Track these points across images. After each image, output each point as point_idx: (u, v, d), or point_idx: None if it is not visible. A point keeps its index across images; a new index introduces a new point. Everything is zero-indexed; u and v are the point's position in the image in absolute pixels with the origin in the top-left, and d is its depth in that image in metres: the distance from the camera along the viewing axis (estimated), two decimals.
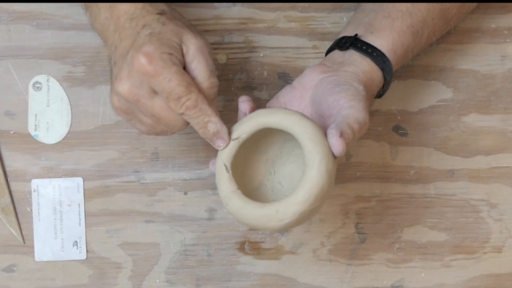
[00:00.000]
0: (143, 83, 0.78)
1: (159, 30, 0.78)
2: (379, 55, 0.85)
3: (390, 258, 0.98)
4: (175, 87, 0.77)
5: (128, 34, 0.79)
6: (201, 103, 0.78)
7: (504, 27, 0.97)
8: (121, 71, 0.78)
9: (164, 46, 0.77)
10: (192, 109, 0.78)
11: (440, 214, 0.98)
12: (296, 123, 0.79)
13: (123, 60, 0.78)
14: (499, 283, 0.98)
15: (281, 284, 0.97)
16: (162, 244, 0.97)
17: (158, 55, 0.77)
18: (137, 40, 0.78)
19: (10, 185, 0.96)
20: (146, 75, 0.77)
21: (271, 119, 0.80)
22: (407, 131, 0.97)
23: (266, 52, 0.96)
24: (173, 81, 0.77)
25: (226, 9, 0.96)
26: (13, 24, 0.96)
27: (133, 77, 0.78)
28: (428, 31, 0.88)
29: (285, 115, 0.80)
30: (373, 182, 0.97)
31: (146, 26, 0.79)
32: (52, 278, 0.97)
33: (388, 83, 0.87)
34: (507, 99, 0.97)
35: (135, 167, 0.96)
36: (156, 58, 0.76)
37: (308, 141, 0.78)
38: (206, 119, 0.79)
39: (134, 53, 0.77)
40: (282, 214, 0.78)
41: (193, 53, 0.79)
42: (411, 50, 0.87)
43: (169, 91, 0.77)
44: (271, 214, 0.78)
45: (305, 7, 0.96)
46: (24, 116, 0.96)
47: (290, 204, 0.77)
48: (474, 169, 0.97)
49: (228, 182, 0.80)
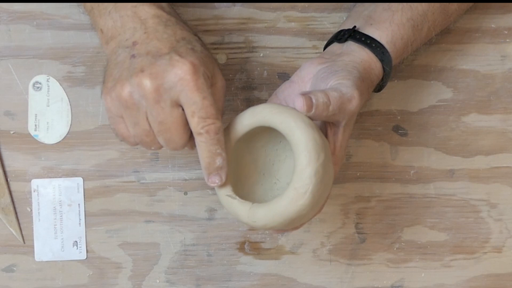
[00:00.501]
0: (176, 89, 0.76)
1: (200, 50, 0.78)
2: (378, 46, 0.85)
3: (390, 258, 0.98)
4: (208, 106, 0.76)
5: (164, 38, 0.77)
6: (221, 134, 0.78)
7: (504, 27, 0.97)
8: (152, 66, 0.76)
9: (207, 67, 0.77)
10: (213, 134, 0.77)
11: (440, 214, 0.98)
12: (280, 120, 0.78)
13: (156, 57, 0.76)
14: (499, 283, 0.98)
15: (281, 284, 0.97)
16: (162, 244, 0.97)
17: (202, 71, 0.76)
18: (178, 47, 0.77)
19: (10, 185, 0.96)
20: (183, 82, 0.76)
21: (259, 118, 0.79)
22: (407, 131, 0.97)
23: (266, 52, 0.96)
24: (208, 100, 0.76)
25: (226, 9, 0.96)
26: (13, 24, 0.96)
27: (169, 77, 0.76)
28: (428, 26, 0.88)
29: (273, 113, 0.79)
30: (373, 182, 0.97)
31: (186, 39, 0.78)
32: (52, 278, 0.97)
33: (388, 74, 0.86)
34: (507, 99, 0.97)
35: (135, 167, 0.97)
36: (199, 73, 0.76)
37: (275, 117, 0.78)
38: (218, 150, 0.78)
39: (178, 57, 0.76)
40: (300, 187, 0.77)
41: (218, 89, 0.79)
42: (410, 44, 0.87)
43: (200, 107, 0.76)
44: (292, 194, 0.77)
45: (305, 7, 0.96)
46: (24, 116, 0.96)
47: (300, 173, 0.76)
48: (474, 169, 0.98)
49: (242, 205, 0.80)
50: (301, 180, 0.76)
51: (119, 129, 0.80)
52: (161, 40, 0.77)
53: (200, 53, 0.78)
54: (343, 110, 0.79)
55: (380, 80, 0.87)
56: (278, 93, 0.86)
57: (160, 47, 0.77)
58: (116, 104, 0.78)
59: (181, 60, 0.76)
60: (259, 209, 0.79)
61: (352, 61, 0.84)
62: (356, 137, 0.97)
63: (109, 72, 0.79)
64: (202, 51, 0.78)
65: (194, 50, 0.77)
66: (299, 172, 0.76)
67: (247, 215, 0.79)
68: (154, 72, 0.76)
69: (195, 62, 0.76)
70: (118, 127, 0.80)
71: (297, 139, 0.77)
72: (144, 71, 0.76)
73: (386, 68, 0.85)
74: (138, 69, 0.76)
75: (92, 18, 0.82)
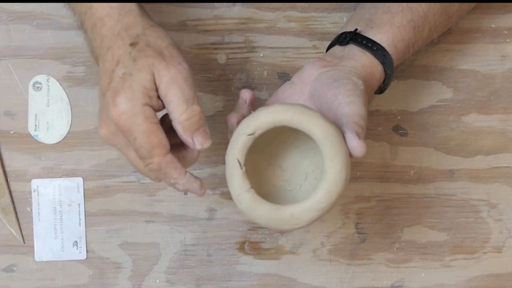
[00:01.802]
0: (119, 133, 0.77)
1: (130, 71, 0.76)
2: (379, 49, 0.85)
3: (390, 258, 0.98)
4: (139, 148, 0.76)
5: (105, 69, 0.77)
6: (166, 167, 0.77)
7: (504, 27, 0.97)
8: (101, 113, 0.78)
9: (137, 95, 0.75)
10: (156, 171, 0.77)
11: (440, 214, 0.98)
12: (316, 125, 0.77)
13: (102, 99, 0.77)
14: (499, 283, 0.98)
15: (281, 284, 0.97)
16: (162, 244, 0.97)
17: (129, 109, 0.75)
18: (113, 82, 0.76)
19: (10, 185, 0.96)
20: (119, 127, 0.76)
21: (290, 118, 0.77)
22: (407, 131, 0.97)
23: (266, 52, 0.96)
24: (138, 141, 0.76)
25: (226, 9, 0.96)
26: (13, 24, 0.96)
27: (110, 124, 0.77)
28: (429, 27, 0.88)
29: (303, 114, 0.77)
30: (373, 182, 0.97)
31: (120, 63, 0.76)
32: (52, 278, 0.97)
33: (389, 77, 0.86)
34: (507, 99, 0.97)
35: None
36: (127, 110, 0.75)
37: (330, 148, 0.76)
38: (172, 181, 0.78)
39: (110, 101, 0.76)
40: (297, 219, 0.77)
41: (166, 86, 0.76)
42: (412, 45, 0.87)
43: (135, 148, 0.76)
44: (286, 218, 0.77)
45: (305, 7, 0.96)
46: (24, 116, 0.96)
47: (306, 210, 0.77)
48: (474, 169, 0.97)
49: (242, 180, 0.78)
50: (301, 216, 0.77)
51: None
52: (103, 74, 0.78)
53: (130, 76, 0.76)
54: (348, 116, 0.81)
55: (381, 83, 0.87)
56: (278, 94, 0.86)
57: (104, 83, 0.77)
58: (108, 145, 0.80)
59: (111, 104, 0.75)
60: (251, 198, 0.77)
61: (353, 67, 0.84)
62: None
63: None
64: (132, 70, 0.76)
65: (125, 77, 0.76)
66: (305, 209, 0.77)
67: (239, 194, 0.78)
68: (102, 121, 0.78)
69: (120, 101, 0.75)
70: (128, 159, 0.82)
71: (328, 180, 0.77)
72: (99, 117, 0.78)
73: (387, 70, 0.86)
74: (99, 113, 0.78)
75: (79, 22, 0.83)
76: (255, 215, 0.78)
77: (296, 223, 0.77)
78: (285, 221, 0.77)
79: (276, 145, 0.86)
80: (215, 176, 0.96)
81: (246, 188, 0.78)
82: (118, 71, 0.76)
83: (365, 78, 0.83)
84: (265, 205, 0.78)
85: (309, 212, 0.77)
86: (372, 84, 0.85)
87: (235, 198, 0.79)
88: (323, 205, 0.76)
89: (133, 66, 0.76)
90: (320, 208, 0.77)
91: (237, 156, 0.78)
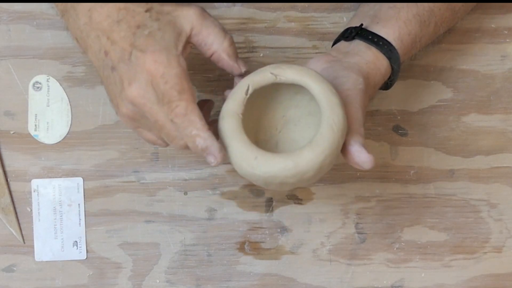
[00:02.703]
0: (149, 84, 0.76)
1: (157, 27, 0.77)
2: (385, 43, 0.85)
3: (390, 258, 0.98)
4: (168, 90, 0.75)
5: (121, 36, 0.77)
6: (192, 113, 0.76)
7: (504, 27, 0.97)
8: (126, 74, 0.76)
9: (171, 45, 0.76)
10: (181, 117, 0.76)
11: (440, 214, 0.98)
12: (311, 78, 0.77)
13: (127, 63, 0.76)
14: (499, 283, 0.98)
15: (281, 284, 0.97)
16: (162, 244, 0.97)
17: (165, 55, 0.75)
18: (137, 40, 0.76)
19: (10, 185, 0.96)
20: (151, 75, 0.75)
21: (288, 74, 0.78)
22: (407, 131, 0.97)
23: (266, 52, 0.96)
24: (169, 83, 0.75)
25: (226, 9, 0.96)
26: (13, 24, 0.96)
27: (141, 78, 0.76)
28: (435, 21, 0.88)
29: (301, 70, 0.78)
30: (373, 182, 0.97)
31: (141, 26, 0.77)
32: (52, 278, 0.97)
33: (396, 72, 0.86)
34: (507, 99, 0.98)
35: (135, 167, 0.97)
36: (162, 58, 0.75)
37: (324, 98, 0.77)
38: (194, 132, 0.76)
39: (140, 54, 0.76)
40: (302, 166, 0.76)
41: (197, 23, 0.78)
42: (418, 40, 0.87)
43: (163, 92, 0.75)
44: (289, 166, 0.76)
45: (305, 7, 0.96)
46: (24, 116, 0.96)
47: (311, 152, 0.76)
48: (474, 169, 0.98)
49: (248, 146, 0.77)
50: (332, 121, 0.76)
51: (146, 138, 0.82)
52: (121, 41, 0.77)
53: (158, 32, 0.76)
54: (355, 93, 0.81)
55: (387, 78, 0.86)
56: None
57: (124, 48, 0.76)
58: (127, 121, 0.79)
59: (142, 55, 0.75)
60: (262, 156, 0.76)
61: (356, 64, 0.83)
62: None
63: (106, 89, 0.80)
64: (159, 27, 0.77)
65: (151, 34, 0.76)
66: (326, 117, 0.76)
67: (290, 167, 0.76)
68: (131, 78, 0.76)
69: (154, 49, 0.75)
70: (143, 136, 0.81)
71: (325, 99, 0.77)
72: (123, 81, 0.76)
73: (393, 65, 0.85)
74: (119, 82, 0.77)
75: (66, 27, 0.82)
76: (275, 170, 0.76)
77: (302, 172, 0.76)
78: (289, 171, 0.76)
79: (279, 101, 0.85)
80: (215, 176, 0.97)
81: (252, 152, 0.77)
82: (141, 32, 0.76)
83: (368, 75, 0.83)
84: (280, 157, 0.76)
85: (327, 133, 0.76)
86: (377, 80, 0.85)
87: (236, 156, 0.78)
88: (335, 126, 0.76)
89: (158, 24, 0.77)
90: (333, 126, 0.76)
91: (236, 110, 0.78)
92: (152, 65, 0.75)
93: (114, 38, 0.77)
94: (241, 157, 0.77)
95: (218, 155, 0.77)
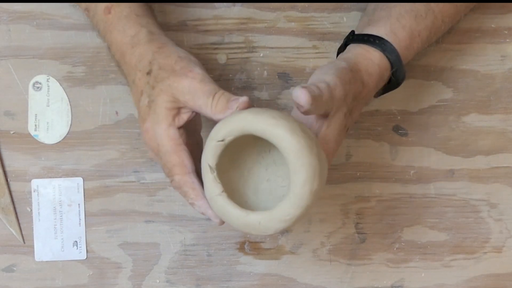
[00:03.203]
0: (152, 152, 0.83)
1: (153, 98, 0.81)
2: (376, 39, 0.84)
3: (390, 258, 0.98)
4: (163, 166, 0.82)
5: (134, 92, 0.83)
6: (185, 186, 0.81)
7: (504, 27, 0.97)
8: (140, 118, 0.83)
9: (161, 118, 0.80)
10: (177, 188, 0.82)
11: (440, 214, 0.98)
12: (281, 137, 0.75)
13: (138, 104, 0.83)
14: (499, 283, 0.98)
15: (281, 284, 0.97)
16: (162, 244, 0.97)
17: (155, 132, 0.81)
18: (140, 111, 0.82)
19: (10, 185, 0.96)
20: (148, 147, 0.82)
21: (256, 128, 0.76)
22: (407, 131, 0.97)
23: (266, 52, 0.96)
24: (162, 160, 0.81)
25: (226, 9, 0.96)
26: (13, 24, 0.96)
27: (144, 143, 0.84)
28: (435, 14, 0.87)
29: (270, 125, 0.75)
30: (373, 182, 0.97)
31: (143, 93, 0.82)
32: (52, 278, 0.97)
33: (397, 63, 0.85)
34: (507, 99, 0.97)
35: (135, 167, 0.97)
36: (153, 135, 0.81)
37: (294, 160, 0.75)
38: (189, 200, 0.82)
39: (140, 124, 0.82)
40: (264, 227, 0.77)
41: (188, 97, 0.80)
42: (418, 34, 0.86)
43: (162, 166, 0.82)
44: (254, 225, 0.77)
45: (305, 7, 0.96)
46: (24, 116, 0.96)
47: (273, 220, 0.77)
48: (474, 169, 0.97)
49: (213, 184, 0.78)
50: (268, 225, 0.77)
51: None
52: (134, 94, 0.84)
53: (153, 103, 0.81)
54: (331, 98, 0.79)
55: (390, 70, 0.85)
56: None
57: (135, 101, 0.84)
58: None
59: (141, 126, 0.82)
60: (222, 202, 0.78)
61: (342, 58, 0.84)
62: (356, 137, 0.97)
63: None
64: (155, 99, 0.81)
65: (150, 105, 0.81)
66: (272, 218, 0.77)
67: (211, 197, 0.78)
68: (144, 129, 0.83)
69: (148, 127, 0.81)
70: None
71: (292, 195, 0.76)
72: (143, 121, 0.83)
73: (389, 56, 0.84)
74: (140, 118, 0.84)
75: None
76: (226, 218, 0.79)
77: (264, 230, 0.78)
78: (254, 228, 0.78)
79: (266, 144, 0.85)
80: None
81: (217, 192, 0.78)
82: (143, 100, 0.82)
83: (356, 62, 0.83)
84: (235, 210, 0.78)
85: (276, 222, 0.77)
86: (371, 69, 0.84)
87: (209, 201, 0.80)
88: (289, 217, 0.76)
89: (152, 93, 0.81)
90: (286, 219, 0.76)
91: (208, 162, 0.78)
92: (149, 142, 0.82)
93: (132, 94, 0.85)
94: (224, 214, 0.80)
95: (215, 219, 0.82)
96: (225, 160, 0.80)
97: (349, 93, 0.81)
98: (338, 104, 0.80)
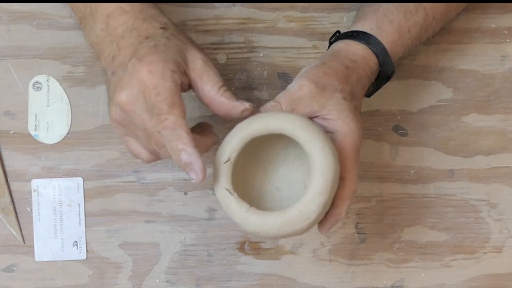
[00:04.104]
0: (141, 93, 0.76)
1: (164, 43, 0.78)
2: (360, 33, 0.85)
3: (390, 258, 0.98)
4: (159, 102, 0.75)
5: (129, 44, 0.78)
6: (180, 128, 0.75)
7: (504, 27, 0.97)
8: (121, 80, 0.77)
9: (169, 61, 0.77)
10: (169, 130, 0.75)
11: (440, 214, 0.98)
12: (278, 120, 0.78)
13: (124, 68, 0.77)
14: (499, 283, 0.98)
15: (281, 284, 0.97)
16: (162, 244, 0.97)
17: (160, 67, 0.76)
18: (140, 49, 0.77)
19: (10, 185, 0.96)
20: (143, 85, 0.76)
21: (254, 129, 0.78)
22: (407, 131, 0.97)
23: (266, 52, 0.96)
24: (160, 96, 0.75)
25: (226, 9, 0.96)
26: (13, 24, 0.96)
27: (133, 86, 0.76)
28: (426, 11, 0.87)
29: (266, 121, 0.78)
30: (373, 182, 0.97)
31: (150, 38, 0.78)
32: (52, 278, 0.97)
33: (382, 55, 0.85)
34: (507, 99, 0.97)
35: (135, 167, 0.97)
36: (158, 69, 0.76)
37: (302, 131, 0.76)
38: (180, 146, 0.76)
39: (136, 62, 0.76)
40: (306, 212, 0.76)
41: (202, 68, 0.79)
42: (408, 29, 0.86)
43: (153, 104, 0.75)
44: (295, 216, 0.76)
45: (305, 7, 0.96)
46: (24, 116, 0.96)
47: (311, 199, 0.76)
48: (474, 169, 0.97)
49: (238, 205, 0.78)
50: (309, 207, 0.76)
51: (130, 148, 0.82)
52: (126, 47, 0.78)
53: (163, 47, 0.77)
54: (299, 99, 0.81)
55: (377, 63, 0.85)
56: None
57: (126, 54, 0.78)
58: (115, 125, 0.80)
59: (138, 63, 0.76)
60: (255, 215, 0.78)
61: (322, 54, 0.85)
62: None
63: (107, 93, 0.81)
64: (166, 43, 0.78)
65: (156, 46, 0.77)
66: (310, 198, 0.76)
67: (241, 217, 0.78)
68: (124, 84, 0.76)
69: (152, 59, 0.76)
70: (128, 147, 0.82)
71: (319, 165, 0.76)
72: (117, 86, 0.77)
73: (374, 49, 0.85)
74: (114, 86, 0.78)
75: (85, 34, 0.84)
76: (266, 228, 0.77)
77: (307, 216, 0.76)
78: (297, 220, 0.76)
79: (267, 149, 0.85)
80: None
81: (245, 209, 0.78)
82: (148, 42, 0.77)
83: (333, 53, 0.84)
84: (272, 214, 0.77)
85: (315, 198, 0.76)
86: (353, 57, 0.84)
87: (240, 223, 0.78)
88: (323, 187, 0.76)
89: (166, 41, 0.78)
90: (322, 190, 0.76)
91: (225, 186, 0.78)
92: (146, 75, 0.76)
93: (122, 45, 0.78)
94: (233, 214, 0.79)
95: (200, 172, 0.77)
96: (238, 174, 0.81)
97: (330, 82, 0.82)
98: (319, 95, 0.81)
